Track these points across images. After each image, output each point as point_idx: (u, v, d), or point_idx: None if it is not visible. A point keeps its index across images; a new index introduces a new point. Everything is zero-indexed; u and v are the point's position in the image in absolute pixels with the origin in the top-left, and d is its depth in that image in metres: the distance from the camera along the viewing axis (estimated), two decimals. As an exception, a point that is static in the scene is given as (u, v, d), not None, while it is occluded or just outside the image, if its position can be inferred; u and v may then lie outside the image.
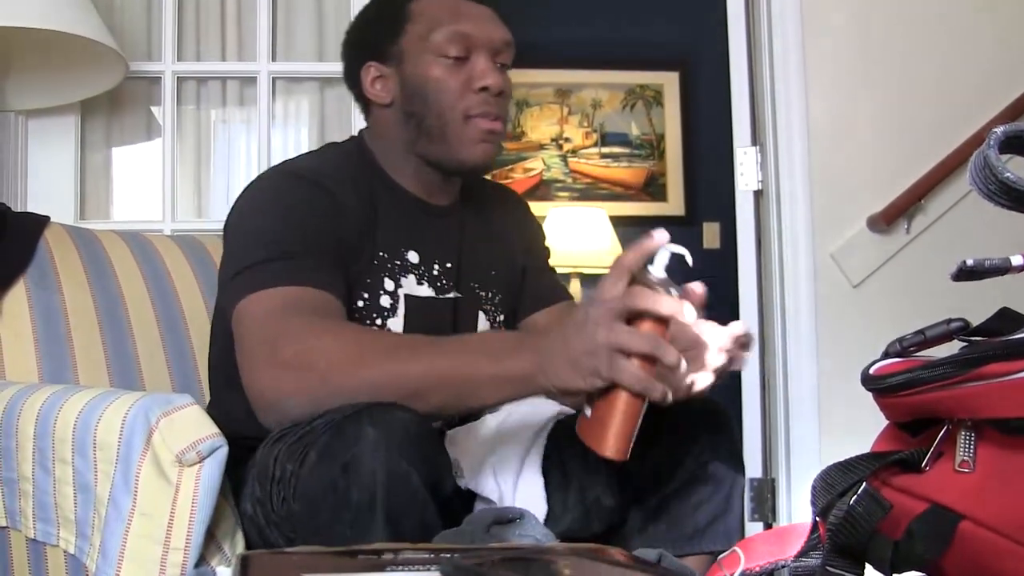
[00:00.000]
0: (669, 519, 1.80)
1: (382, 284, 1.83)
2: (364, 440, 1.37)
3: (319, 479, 1.39)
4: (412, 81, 1.86)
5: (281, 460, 1.47)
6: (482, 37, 1.86)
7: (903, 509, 1.08)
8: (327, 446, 1.40)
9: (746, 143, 3.38)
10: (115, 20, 3.13)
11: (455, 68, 1.84)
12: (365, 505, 1.35)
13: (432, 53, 1.85)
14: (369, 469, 1.36)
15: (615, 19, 6.07)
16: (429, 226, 1.93)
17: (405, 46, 1.87)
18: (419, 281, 1.88)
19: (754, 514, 3.26)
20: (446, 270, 1.93)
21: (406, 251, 1.88)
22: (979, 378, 1.02)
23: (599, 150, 6.14)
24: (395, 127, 1.91)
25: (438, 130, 1.85)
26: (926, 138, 3.23)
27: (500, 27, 1.91)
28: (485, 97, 1.84)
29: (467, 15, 1.88)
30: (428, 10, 1.88)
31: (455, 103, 1.84)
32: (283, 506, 1.46)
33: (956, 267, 1.13)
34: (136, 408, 1.49)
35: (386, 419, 1.40)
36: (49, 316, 2.04)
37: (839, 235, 3.24)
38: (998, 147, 1.09)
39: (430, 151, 1.88)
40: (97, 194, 3.22)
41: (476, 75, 1.84)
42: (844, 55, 3.28)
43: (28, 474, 1.62)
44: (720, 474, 1.79)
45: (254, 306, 1.62)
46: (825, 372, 3.17)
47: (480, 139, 1.85)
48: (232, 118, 3.37)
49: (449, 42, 1.84)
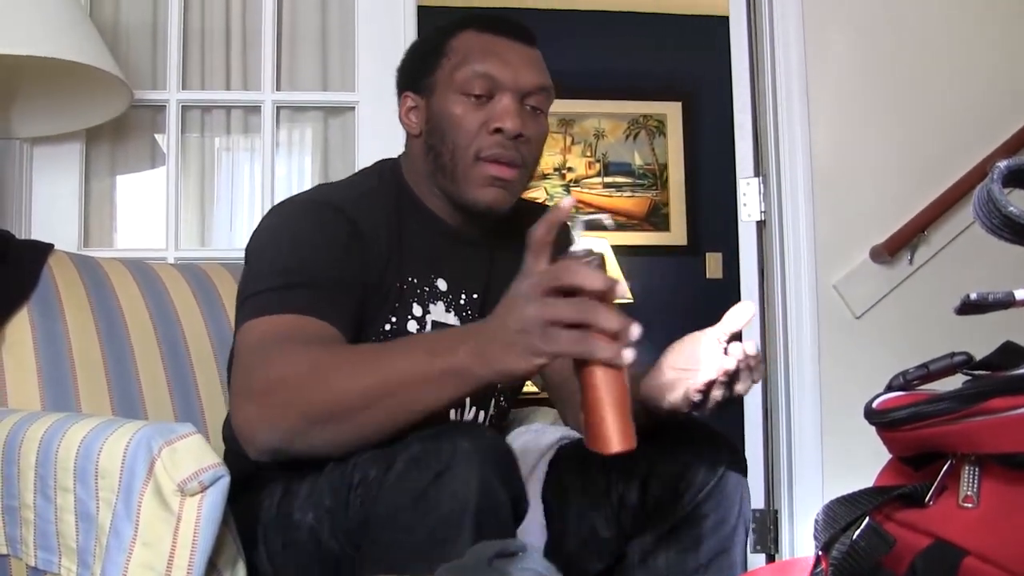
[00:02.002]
0: (669, 555, 1.78)
1: (410, 309, 1.84)
2: (460, 452, 1.36)
3: (407, 486, 1.38)
4: (436, 115, 1.86)
5: (362, 466, 1.46)
6: (508, 78, 1.84)
7: (907, 544, 1.08)
8: (419, 455, 1.39)
9: (749, 173, 3.38)
10: (120, 48, 3.14)
11: (476, 107, 1.83)
12: (456, 516, 1.34)
13: (456, 90, 1.84)
14: (463, 480, 1.35)
15: (618, 49, 6.10)
16: (458, 255, 1.93)
17: (437, 79, 1.88)
18: (447, 308, 1.89)
19: (756, 546, 3.24)
20: (472, 300, 1.93)
21: (435, 278, 1.88)
22: (983, 413, 1.02)
23: (602, 180, 6.16)
24: (421, 159, 1.91)
25: (451, 168, 1.84)
26: (929, 169, 3.23)
27: (534, 71, 1.88)
28: (500, 140, 1.81)
29: (499, 55, 1.85)
30: (463, 47, 1.87)
31: (469, 142, 1.82)
32: (360, 511, 1.45)
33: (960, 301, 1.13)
34: (138, 437, 1.49)
35: (479, 436, 1.40)
36: (52, 343, 2.04)
37: (842, 266, 3.23)
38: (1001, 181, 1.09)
39: (444, 187, 1.87)
40: (101, 222, 3.21)
41: (494, 116, 1.82)
42: (847, 86, 3.29)
43: (30, 502, 1.62)
44: (723, 508, 1.76)
45: (250, 333, 1.62)
46: (828, 403, 3.16)
47: (486, 183, 1.83)
48: (236, 146, 3.37)
49: (472, 80, 1.83)
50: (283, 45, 3.29)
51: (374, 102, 3.14)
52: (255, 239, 1.82)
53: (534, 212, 1.83)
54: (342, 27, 3.30)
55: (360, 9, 3.22)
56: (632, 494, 1.79)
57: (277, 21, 3.25)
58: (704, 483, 1.75)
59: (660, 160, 6.19)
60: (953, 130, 3.26)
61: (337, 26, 3.32)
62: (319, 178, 3.34)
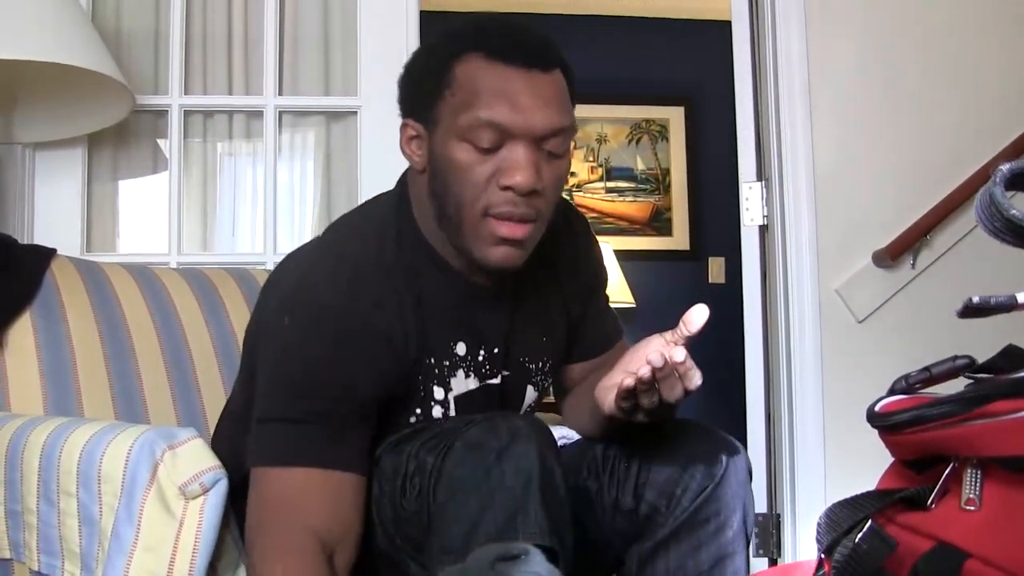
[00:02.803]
0: (668, 561, 1.71)
1: (432, 395, 1.72)
2: (519, 432, 1.40)
3: (469, 467, 1.40)
4: (438, 158, 1.65)
5: (418, 455, 1.47)
6: (519, 126, 1.60)
7: (909, 547, 1.08)
8: (477, 438, 1.42)
9: (751, 178, 3.38)
10: (122, 54, 3.14)
11: (483, 156, 1.61)
12: (522, 488, 1.37)
13: (459, 136, 1.61)
14: (524, 454, 1.39)
15: (620, 54, 6.10)
16: (476, 309, 1.78)
17: (440, 113, 1.64)
18: (466, 375, 1.76)
19: (759, 550, 3.24)
20: (492, 355, 1.80)
21: (454, 345, 1.74)
22: (985, 416, 1.02)
23: (604, 184, 6.16)
24: (426, 201, 1.72)
25: (456, 221, 1.65)
26: (931, 173, 3.23)
27: (550, 110, 1.63)
28: (510, 196, 1.61)
29: (508, 97, 1.60)
30: (467, 78, 1.62)
31: (475, 197, 1.62)
32: (417, 500, 1.46)
33: (962, 304, 1.13)
34: (141, 441, 1.49)
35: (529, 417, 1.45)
36: (55, 348, 2.04)
37: (844, 270, 3.23)
38: (1004, 184, 1.09)
39: (451, 239, 1.70)
40: (103, 227, 3.21)
41: (504, 170, 1.60)
42: (849, 90, 3.29)
43: (33, 506, 1.62)
44: (724, 512, 1.69)
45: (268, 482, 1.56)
46: (830, 407, 3.16)
47: (495, 242, 1.64)
48: (238, 151, 3.37)
49: (477, 130, 1.59)
50: (285, 50, 3.29)
51: (376, 107, 3.14)
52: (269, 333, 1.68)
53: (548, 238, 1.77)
54: (344, 32, 3.31)
55: (362, 14, 3.22)
56: (626, 499, 1.74)
57: (279, 26, 3.25)
58: (703, 487, 1.68)
59: (662, 165, 6.19)
60: (956, 134, 3.27)
61: (339, 31, 3.32)
62: (321, 182, 3.34)
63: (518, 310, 1.84)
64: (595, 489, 1.79)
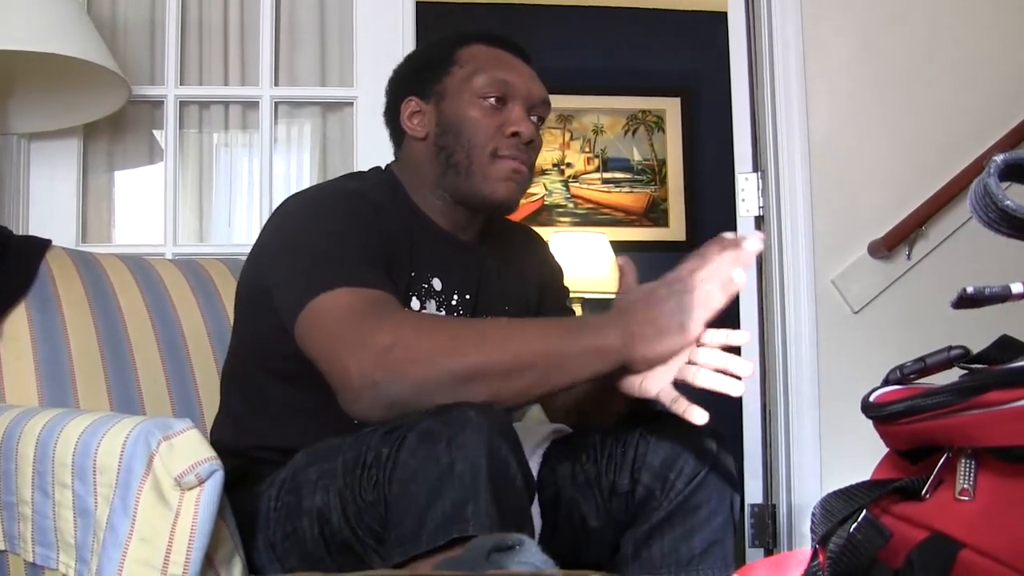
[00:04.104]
0: (663, 545, 1.79)
1: (409, 302, 1.88)
2: (468, 421, 1.42)
3: (420, 457, 1.42)
4: (449, 117, 1.95)
5: (374, 446, 1.49)
6: (522, 88, 1.96)
7: (903, 537, 1.08)
8: (429, 428, 1.44)
9: (747, 169, 3.38)
10: (118, 44, 3.14)
11: (492, 112, 1.93)
12: (471, 477, 1.38)
13: (472, 94, 1.94)
14: (475, 445, 1.40)
15: (617, 45, 6.10)
16: (453, 258, 1.98)
17: (448, 85, 1.97)
18: (439, 308, 1.92)
19: (754, 540, 3.25)
20: (464, 301, 1.97)
21: (432, 277, 1.93)
22: (979, 406, 1.02)
23: (600, 175, 6.15)
24: (426, 161, 1.98)
25: (466, 165, 1.92)
26: (927, 164, 3.23)
27: (539, 85, 2.01)
28: (515, 142, 1.92)
29: (510, 66, 1.98)
30: (474, 57, 1.98)
31: (486, 142, 1.91)
32: (374, 491, 1.48)
33: (956, 295, 1.13)
34: (136, 432, 1.49)
35: (485, 410, 1.45)
36: (50, 339, 2.04)
37: (840, 261, 3.23)
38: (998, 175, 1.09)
39: (457, 185, 1.94)
40: (99, 218, 3.22)
41: (510, 121, 1.93)
42: (845, 81, 3.29)
43: (27, 498, 1.62)
44: (715, 498, 1.78)
45: (329, 303, 1.64)
46: (826, 398, 3.16)
47: (505, 177, 1.92)
48: (234, 142, 3.37)
49: (490, 86, 1.93)
50: (281, 40, 3.29)
51: (373, 97, 3.13)
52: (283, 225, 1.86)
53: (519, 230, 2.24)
54: (341, 22, 3.31)
55: (359, 4, 3.22)
56: (623, 481, 1.81)
57: (275, 16, 3.25)
58: (695, 472, 1.78)
59: (659, 156, 6.19)
60: (951, 125, 3.26)
61: (336, 21, 3.32)
62: (317, 173, 3.34)
63: (487, 271, 2.04)
64: (594, 474, 1.85)
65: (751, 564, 1.44)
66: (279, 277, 1.78)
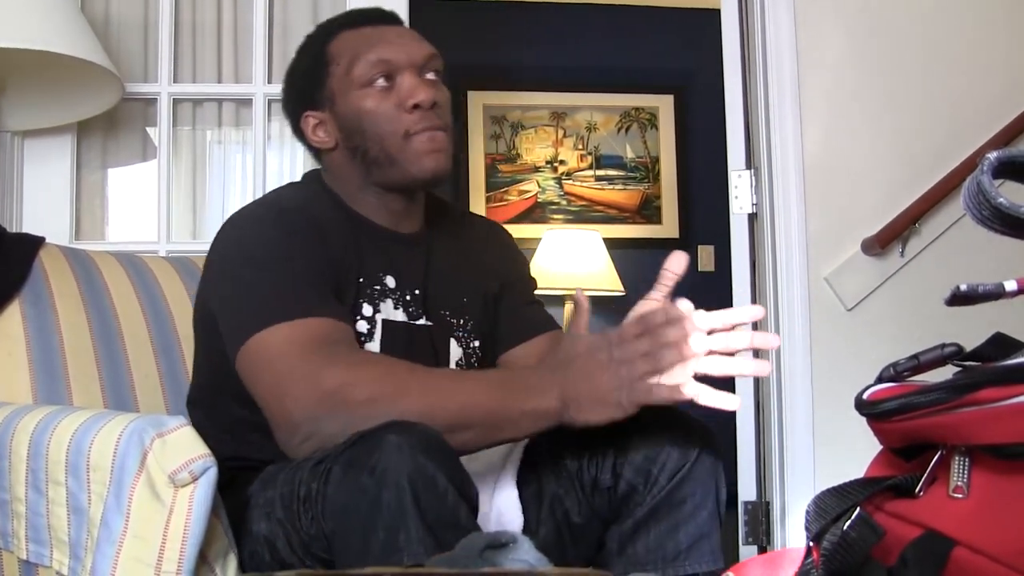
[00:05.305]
0: (648, 541, 1.75)
1: (360, 309, 1.86)
2: (387, 444, 1.40)
3: (347, 489, 1.42)
4: (348, 118, 1.91)
5: (305, 480, 1.49)
6: (402, 57, 1.90)
7: (897, 535, 1.08)
8: (350, 458, 1.43)
9: (740, 166, 3.38)
10: (112, 42, 3.13)
11: (384, 94, 1.89)
12: (396, 504, 1.37)
13: (358, 85, 1.89)
14: (396, 468, 1.39)
15: (610, 42, 6.11)
16: (400, 253, 1.96)
17: (333, 87, 1.92)
18: (395, 306, 1.91)
19: (748, 537, 3.25)
20: (415, 296, 1.95)
21: (384, 275, 1.91)
22: (973, 403, 1.02)
23: (594, 172, 6.16)
24: (346, 166, 1.95)
25: (384, 156, 1.88)
26: (920, 161, 3.23)
27: (419, 43, 1.95)
28: (421, 113, 1.87)
29: (383, 40, 1.92)
30: (345, 47, 1.92)
31: (392, 127, 1.87)
32: (313, 524, 1.48)
33: (950, 292, 1.13)
34: (130, 429, 1.49)
35: (406, 428, 1.44)
36: (43, 337, 2.04)
37: (833, 258, 3.24)
38: (991, 172, 1.09)
39: (385, 178, 1.91)
40: (92, 215, 3.21)
41: (405, 94, 1.88)
42: (839, 78, 3.29)
43: (21, 495, 1.62)
44: (700, 492, 1.74)
45: (271, 339, 1.64)
46: (819, 395, 3.17)
47: (426, 151, 1.87)
48: (228, 139, 3.37)
49: (371, 70, 1.88)
50: (274, 38, 3.29)
51: (366, 95, 3.14)
52: (224, 251, 1.85)
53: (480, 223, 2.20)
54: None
55: (351, 2, 3.21)
56: (605, 477, 1.78)
57: (268, 14, 3.25)
58: (678, 467, 1.73)
59: (652, 153, 6.20)
60: (945, 122, 3.27)
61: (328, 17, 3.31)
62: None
63: (433, 264, 2.00)
64: (575, 469, 1.82)
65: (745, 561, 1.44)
66: (221, 307, 1.78)
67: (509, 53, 5.96)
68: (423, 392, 1.57)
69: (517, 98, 5.98)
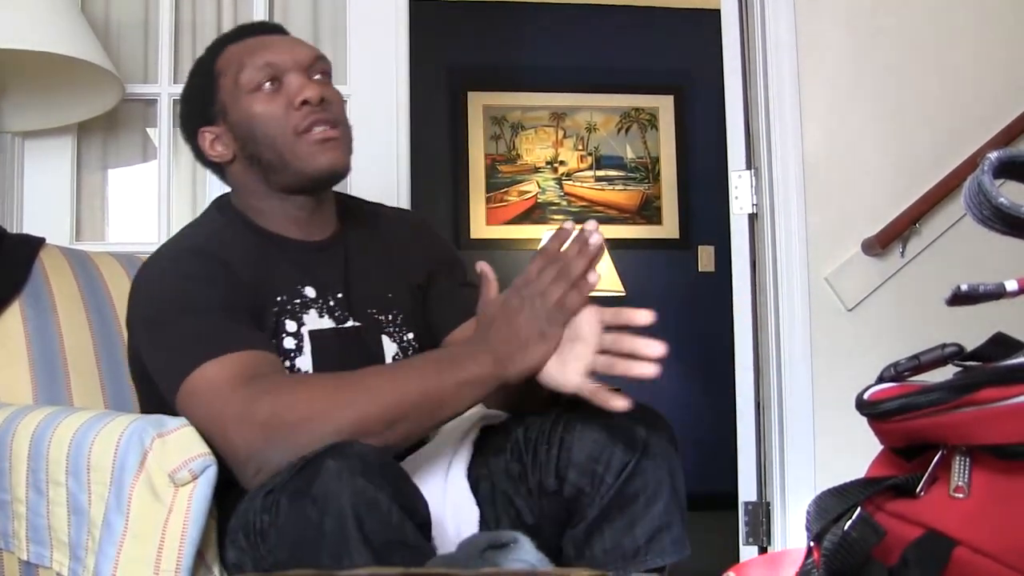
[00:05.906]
0: (604, 542, 1.68)
1: (284, 327, 1.86)
2: (326, 471, 1.40)
3: (294, 521, 1.42)
4: (240, 126, 1.91)
5: (258, 511, 1.49)
6: (287, 59, 1.91)
7: (898, 535, 1.08)
8: (294, 489, 1.43)
9: (741, 167, 3.38)
10: (112, 43, 3.13)
11: (272, 96, 1.89)
12: (339, 531, 1.37)
13: (246, 92, 1.90)
14: (335, 495, 1.38)
15: (610, 43, 6.11)
16: (316, 262, 1.96)
17: (223, 98, 1.93)
18: (320, 314, 1.91)
19: (749, 538, 3.25)
20: (339, 300, 1.94)
21: (303, 287, 1.91)
22: (974, 403, 1.02)
23: (594, 173, 6.16)
24: (246, 176, 1.95)
25: (278, 159, 1.89)
26: (921, 161, 3.23)
27: (303, 46, 1.98)
28: (309, 110, 1.87)
29: (267, 46, 1.94)
30: (231, 59, 1.93)
31: (282, 128, 1.87)
32: (270, 556, 1.47)
33: (951, 292, 1.13)
34: (130, 430, 1.49)
35: (344, 451, 1.44)
36: (44, 337, 2.04)
37: (834, 259, 3.24)
38: (992, 172, 1.09)
39: (283, 180, 1.91)
40: (93, 215, 3.21)
41: (293, 93, 1.88)
42: (839, 79, 3.29)
43: (22, 496, 1.62)
44: (652, 485, 1.67)
45: (201, 381, 1.63)
46: (819, 395, 3.17)
47: (317, 149, 1.88)
48: (228, 140, 3.37)
49: (257, 74, 1.89)
50: (274, 38, 3.29)
51: (366, 95, 3.14)
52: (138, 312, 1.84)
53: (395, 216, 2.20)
54: (333, 20, 3.30)
55: (351, 3, 3.21)
56: (549, 481, 1.72)
57: (269, 14, 3.25)
58: (624, 462, 1.66)
59: (652, 153, 6.20)
60: (945, 123, 3.27)
61: (328, 18, 3.32)
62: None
63: (352, 265, 2.00)
64: (518, 472, 1.76)
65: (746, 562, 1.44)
66: (150, 359, 1.77)
67: (509, 53, 5.98)
68: (353, 398, 1.57)
69: (517, 98, 5.98)
